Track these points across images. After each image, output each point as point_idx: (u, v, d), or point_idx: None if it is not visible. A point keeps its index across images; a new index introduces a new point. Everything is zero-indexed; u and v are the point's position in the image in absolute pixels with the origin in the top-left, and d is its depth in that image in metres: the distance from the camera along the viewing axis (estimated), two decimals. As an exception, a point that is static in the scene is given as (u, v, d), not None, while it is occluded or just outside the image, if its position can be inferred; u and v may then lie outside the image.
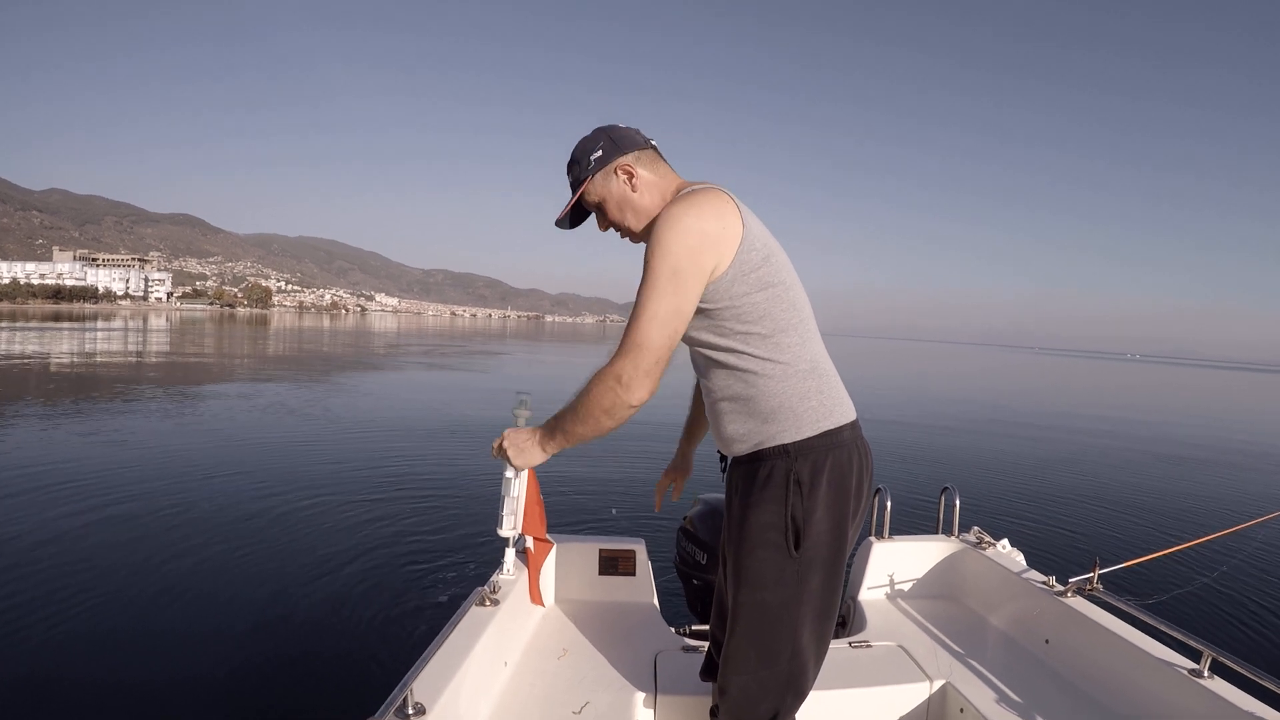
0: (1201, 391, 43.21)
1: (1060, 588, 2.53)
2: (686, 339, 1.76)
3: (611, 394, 1.60)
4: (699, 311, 1.66)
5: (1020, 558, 2.90)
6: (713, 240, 1.58)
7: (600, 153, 1.75)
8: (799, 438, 1.65)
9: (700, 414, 2.21)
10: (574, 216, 1.85)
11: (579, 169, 1.77)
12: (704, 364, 1.77)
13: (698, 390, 2.13)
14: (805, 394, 1.67)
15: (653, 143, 1.81)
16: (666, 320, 1.57)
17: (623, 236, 1.83)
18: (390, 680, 1.64)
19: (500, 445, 1.93)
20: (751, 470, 1.71)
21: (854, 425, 1.73)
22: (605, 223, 1.82)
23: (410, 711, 1.60)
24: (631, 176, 1.75)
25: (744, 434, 1.71)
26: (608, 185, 1.76)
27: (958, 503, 3.10)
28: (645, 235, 1.78)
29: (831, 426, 1.67)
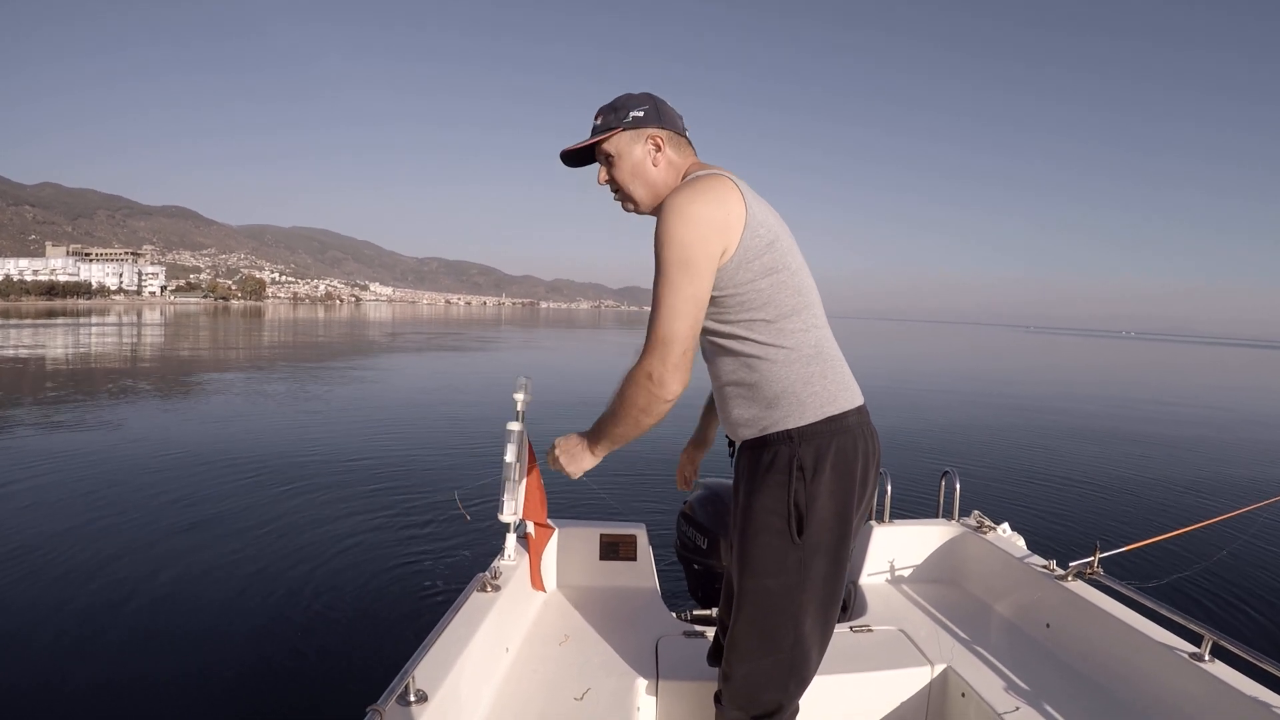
0: (1201, 369, 43.19)
1: (1061, 572, 2.53)
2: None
3: (646, 392, 1.60)
4: (710, 298, 1.66)
5: (1021, 542, 2.90)
6: (718, 226, 1.57)
7: (642, 114, 1.74)
8: (803, 423, 1.64)
9: None
10: (580, 158, 1.82)
11: (613, 116, 1.75)
12: (710, 350, 1.76)
13: None
14: (809, 379, 1.65)
15: (687, 133, 1.81)
16: (685, 311, 1.57)
17: (616, 198, 1.81)
18: (392, 667, 1.64)
19: (555, 456, 1.85)
20: (756, 455, 1.70)
21: (860, 410, 1.71)
22: (608, 176, 1.79)
23: (412, 698, 1.60)
24: (659, 149, 1.74)
25: (749, 419, 1.70)
26: (632, 146, 1.74)
27: (958, 487, 3.10)
28: (646, 210, 1.78)
29: (836, 412, 1.66)
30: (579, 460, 1.81)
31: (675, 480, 2.44)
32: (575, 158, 1.81)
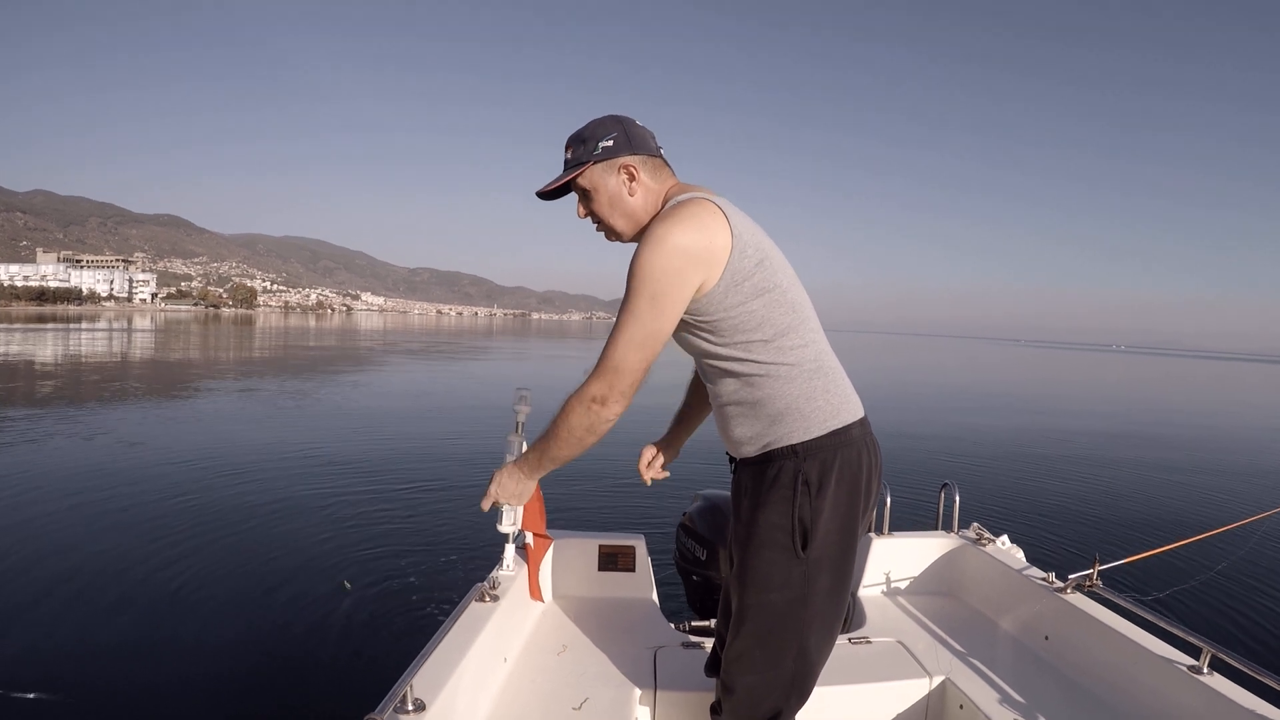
0: (1193, 383, 43.43)
1: (1060, 584, 2.53)
2: (690, 350, 1.75)
3: (592, 414, 1.61)
4: (700, 325, 1.65)
5: (1020, 554, 2.90)
6: (697, 257, 1.54)
7: (611, 142, 1.69)
8: (807, 438, 1.63)
9: (695, 405, 2.17)
10: (557, 190, 1.78)
11: (583, 150, 1.70)
12: (710, 372, 1.74)
13: (694, 380, 2.11)
14: (811, 394, 1.65)
15: (661, 151, 1.77)
16: (643, 344, 1.56)
17: (598, 229, 1.78)
18: (390, 676, 1.63)
19: (494, 495, 1.94)
20: (760, 471, 1.68)
21: (862, 423, 1.71)
22: (587, 211, 1.76)
23: (410, 707, 1.59)
24: (632, 178, 1.71)
25: (752, 436, 1.69)
26: (605, 178, 1.70)
27: (957, 499, 3.10)
28: (629, 239, 1.75)
29: (839, 425, 1.65)
30: (524, 490, 1.91)
31: (640, 476, 2.24)
32: (552, 192, 1.78)
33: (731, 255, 1.58)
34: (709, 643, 2.27)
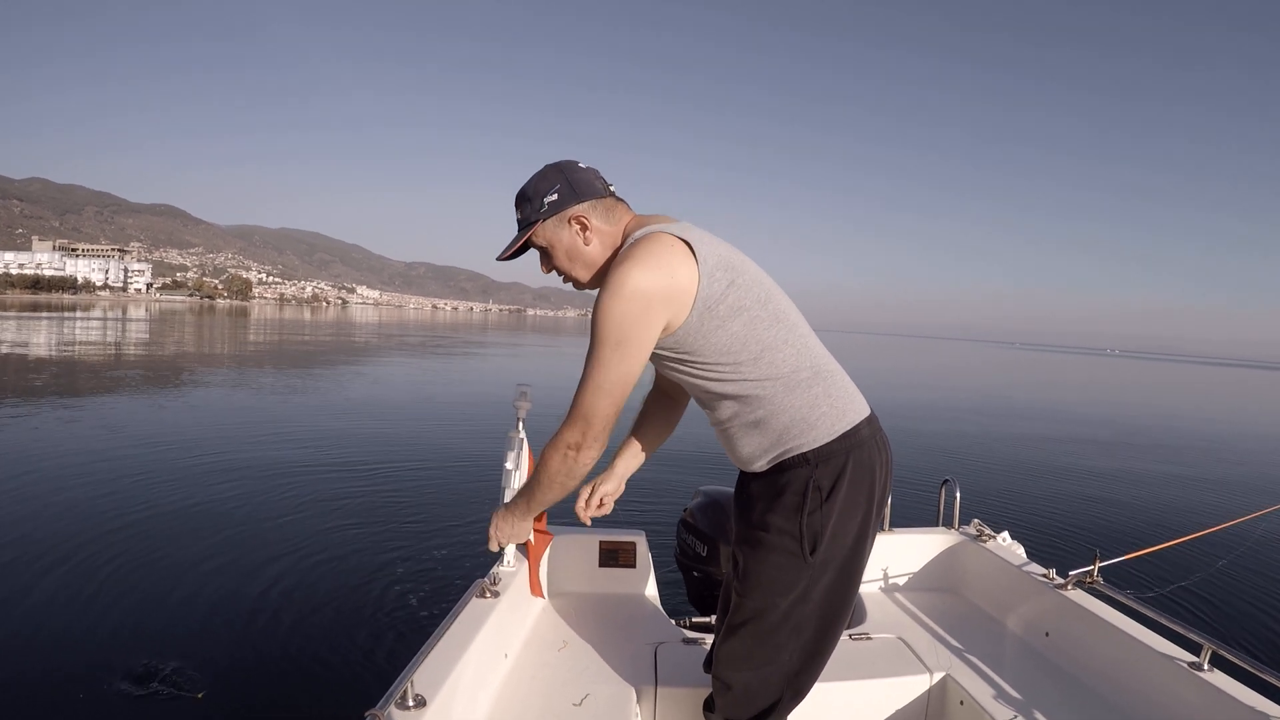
0: (1188, 387, 43.75)
1: (1060, 580, 2.53)
2: (681, 383, 1.73)
3: (569, 461, 1.64)
4: (683, 359, 1.63)
5: (1020, 550, 2.90)
6: (659, 297, 1.52)
7: (555, 196, 1.66)
8: (818, 444, 1.61)
9: (649, 430, 2.08)
10: (517, 250, 1.75)
11: (529, 208, 1.68)
12: (705, 398, 1.72)
13: (648, 402, 2.05)
14: (814, 401, 1.63)
15: (611, 189, 1.73)
16: (610, 390, 1.56)
17: (565, 282, 1.76)
18: (391, 672, 1.63)
19: (496, 538, 1.97)
20: (771, 479, 1.67)
21: (870, 420, 1.70)
22: (549, 267, 1.74)
23: (411, 703, 1.58)
24: (585, 228, 1.67)
25: (760, 452, 1.67)
26: (559, 233, 1.68)
27: (958, 495, 3.09)
28: (592, 285, 1.73)
29: (848, 427, 1.64)
30: (519, 531, 1.95)
31: (578, 510, 2.11)
32: (514, 254, 1.75)
33: (700, 285, 1.55)
34: (709, 639, 2.26)
